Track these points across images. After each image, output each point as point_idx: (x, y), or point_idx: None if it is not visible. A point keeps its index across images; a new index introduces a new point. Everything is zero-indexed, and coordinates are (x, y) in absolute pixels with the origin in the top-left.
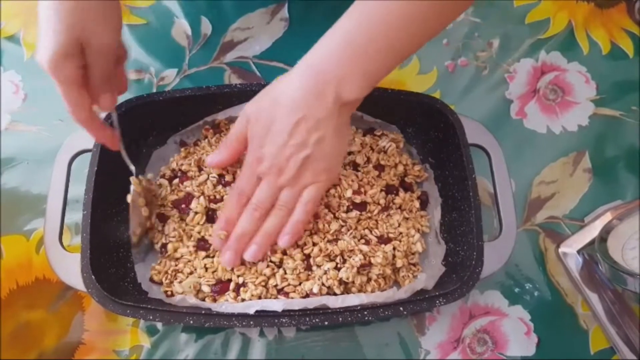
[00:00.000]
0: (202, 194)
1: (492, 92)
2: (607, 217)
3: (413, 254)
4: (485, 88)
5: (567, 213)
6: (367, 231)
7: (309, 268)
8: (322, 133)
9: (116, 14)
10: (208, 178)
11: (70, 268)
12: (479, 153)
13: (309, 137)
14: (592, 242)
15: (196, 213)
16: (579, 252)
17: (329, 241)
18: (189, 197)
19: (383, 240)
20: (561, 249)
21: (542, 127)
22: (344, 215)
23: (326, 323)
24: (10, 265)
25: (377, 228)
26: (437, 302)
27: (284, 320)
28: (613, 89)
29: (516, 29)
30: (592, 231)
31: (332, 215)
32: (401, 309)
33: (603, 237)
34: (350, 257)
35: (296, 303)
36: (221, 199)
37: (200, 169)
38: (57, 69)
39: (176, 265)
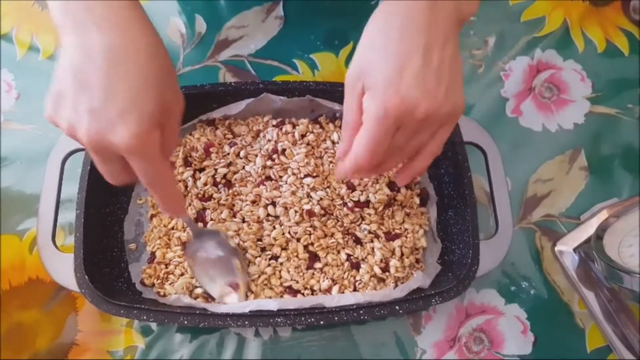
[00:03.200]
0: (188, 192)
1: (488, 90)
2: (603, 215)
3: (417, 249)
4: (481, 86)
5: (563, 211)
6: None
7: (311, 266)
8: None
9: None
10: (193, 174)
11: (63, 268)
12: (475, 151)
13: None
14: (588, 240)
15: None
16: (575, 250)
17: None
18: None
19: (390, 237)
20: (557, 247)
21: (537, 125)
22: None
23: (322, 322)
24: (3, 265)
25: (382, 225)
26: (433, 300)
27: (279, 319)
28: (609, 87)
29: (512, 27)
30: (588, 229)
31: (339, 217)
32: (397, 307)
33: (599, 235)
34: (365, 259)
35: (291, 303)
36: (210, 198)
37: (186, 164)
38: (151, 142)
39: (167, 268)
